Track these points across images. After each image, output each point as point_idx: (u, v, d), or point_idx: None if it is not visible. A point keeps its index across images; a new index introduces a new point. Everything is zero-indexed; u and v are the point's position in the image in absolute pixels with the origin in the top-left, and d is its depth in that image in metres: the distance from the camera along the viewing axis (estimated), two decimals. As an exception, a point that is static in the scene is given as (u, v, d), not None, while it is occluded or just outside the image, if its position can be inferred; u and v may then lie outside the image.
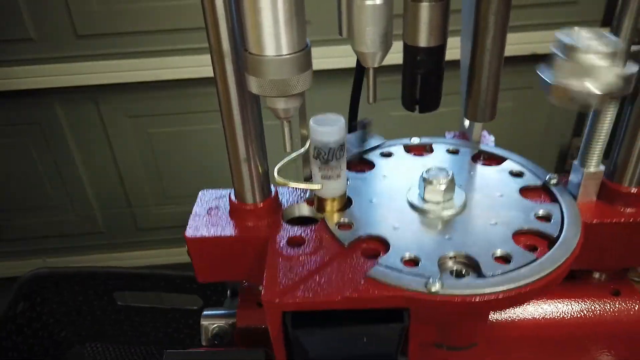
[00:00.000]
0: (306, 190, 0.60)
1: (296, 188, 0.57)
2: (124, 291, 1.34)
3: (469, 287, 0.45)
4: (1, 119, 1.53)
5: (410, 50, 0.40)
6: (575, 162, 0.56)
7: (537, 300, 0.61)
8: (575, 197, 0.56)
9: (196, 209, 0.59)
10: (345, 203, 0.56)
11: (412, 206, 0.56)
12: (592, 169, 0.54)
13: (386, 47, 0.39)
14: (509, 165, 0.62)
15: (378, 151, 0.66)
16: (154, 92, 1.51)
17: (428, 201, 0.55)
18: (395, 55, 0.49)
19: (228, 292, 0.73)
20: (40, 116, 1.53)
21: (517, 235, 0.52)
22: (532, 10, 1.44)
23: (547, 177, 0.58)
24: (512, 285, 0.45)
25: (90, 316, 1.38)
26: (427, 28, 0.38)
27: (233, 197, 0.56)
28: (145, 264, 1.81)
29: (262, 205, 0.55)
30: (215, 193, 0.61)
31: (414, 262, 0.49)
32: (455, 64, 0.52)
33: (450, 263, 0.49)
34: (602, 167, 0.54)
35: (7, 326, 1.22)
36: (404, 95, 0.43)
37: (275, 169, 0.51)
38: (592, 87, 0.39)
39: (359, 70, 0.64)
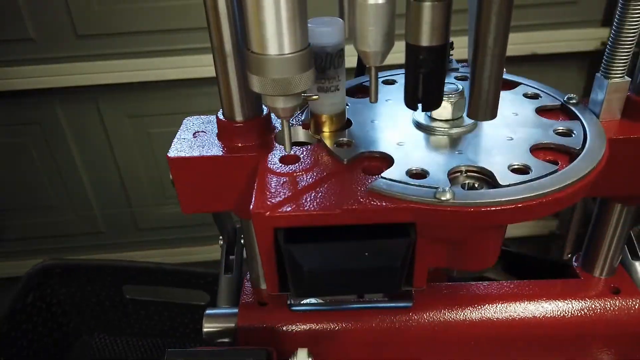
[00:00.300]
0: (302, 112, 0.56)
1: None
2: (132, 285, 1.34)
3: (484, 197, 0.41)
4: (1, 119, 1.53)
5: (412, 50, 0.40)
6: (598, 75, 0.51)
7: (537, 299, 0.61)
8: (597, 116, 0.52)
9: (180, 133, 0.54)
10: (345, 124, 0.53)
11: (419, 125, 0.52)
12: (617, 79, 0.50)
13: (388, 46, 0.39)
14: (523, 89, 0.59)
15: (380, 79, 0.61)
16: (154, 92, 1.51)
17: (436, 119, 0.51)
18: (397, 55, 0.49)
19: (220, 241, 0.70)
20: (41, 116, 1.53)
21: (536, 150, 0.48)
22: (532, 10, 1.45)
23: (566, 97, 0.55)
24: (532, 194, 0.41)
25: (98, 308, 1.39)
26: (429, 28, 0.38)
27: (221, 116, 0.52)
28: (145, 264, 1.81)
29: (252, 123, 0.51)
30: (201, 119, 0.58)
31: (421, 175, 0.45)
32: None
33: (461, 177, 0.46)
34: (627, 78, 0.50)
35: (16, 316, 1.23)
36: (406, 94, 0.43)
37: None
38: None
39: (360, 70, 0.64)
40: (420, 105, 0.44)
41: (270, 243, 0.44)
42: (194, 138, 0.53)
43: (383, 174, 0.45)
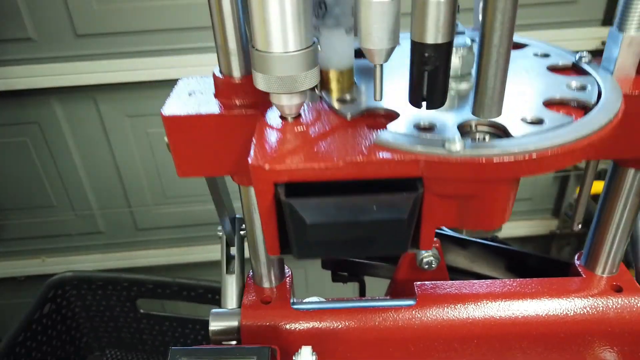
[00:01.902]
0: None
1: None
2: (146, 299, 1.34)
3: (496, 147, 0.39)
4: (1, 118, 1.53)
5: (417, 47, 0.40)
6: (612, 28, 0.49)
7: (539, 297, 0.61)
8: (611, 73, 0.50)
9: (175, 92, 0.52)
10: (352, 84, 0.50)
11: None
12: (632, 32, 0.47)
13: (394, 44, 0.39)
14: (532, 49, 0.57)
15: None
16: (153, 92, 1.51)
17: None
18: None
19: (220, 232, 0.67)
20: (40, 116, 1.53)
21: (549, 105, 0.45)
22: (532, 10, 1.45)
23: (578, 55, 0.53)
24: (547, 144, 0.39)
25: (112, 322, 1.38)
26: (435, 25, 0.38)
27: (218, 73, 0.50)
28: (145, 264, 1.81)
29: (252, 79, 0.47)
30: (197, 78, 0.56)
31: (429, 129, 0.43)
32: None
33: (471, 132, 0.44)
34: None
35: (32, 326, 1.23)
36: (411, 92, 0.43)
37: None
38: None
39: None
40: (424, 103, 0.43)
41: (270, 201, 0.42)
42: (190, 97, 0.51)
43: (389, 126, 0.43)
